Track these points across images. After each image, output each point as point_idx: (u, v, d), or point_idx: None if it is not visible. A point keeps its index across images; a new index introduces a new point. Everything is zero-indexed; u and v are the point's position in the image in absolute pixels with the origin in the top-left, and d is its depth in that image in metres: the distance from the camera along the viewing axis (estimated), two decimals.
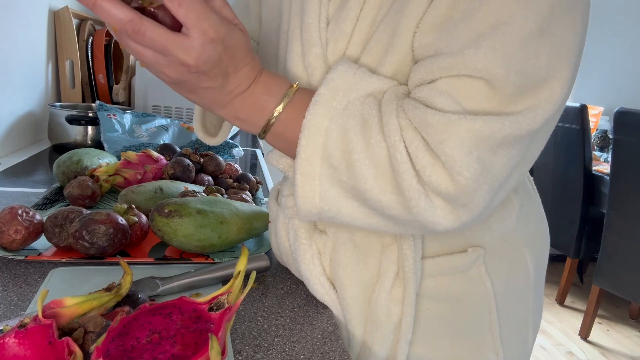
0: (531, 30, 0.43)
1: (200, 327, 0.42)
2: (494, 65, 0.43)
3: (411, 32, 0.48)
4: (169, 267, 0.65)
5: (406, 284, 0.55)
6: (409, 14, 0.47)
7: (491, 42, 0.43)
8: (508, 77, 0.43)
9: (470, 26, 0.44)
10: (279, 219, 0.63)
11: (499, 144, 0.44)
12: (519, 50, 0.43)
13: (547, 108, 0.45)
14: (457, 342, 0.59)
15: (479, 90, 0.44)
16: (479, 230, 0.58)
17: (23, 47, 1.31)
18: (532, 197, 0.66)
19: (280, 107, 0.50)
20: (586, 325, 2.51)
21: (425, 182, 0.45)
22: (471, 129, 0.43)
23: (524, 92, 0.44)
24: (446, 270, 0.57)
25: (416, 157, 0.45)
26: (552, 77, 0.45)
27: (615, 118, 2.19)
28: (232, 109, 0.51)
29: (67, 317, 0.44)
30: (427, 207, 0.46)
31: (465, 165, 0.44)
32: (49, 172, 1.10)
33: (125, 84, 1.72)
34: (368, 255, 0.57)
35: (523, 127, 0.44)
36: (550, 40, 0.44)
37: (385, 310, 0.56)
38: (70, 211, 0.67)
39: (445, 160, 0.44)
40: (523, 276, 0.62)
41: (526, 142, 0.46)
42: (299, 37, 0.54)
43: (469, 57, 0.44)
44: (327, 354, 0.51)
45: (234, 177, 1.03)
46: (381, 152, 0.46)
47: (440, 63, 0.45)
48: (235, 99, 0.50)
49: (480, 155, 0.44)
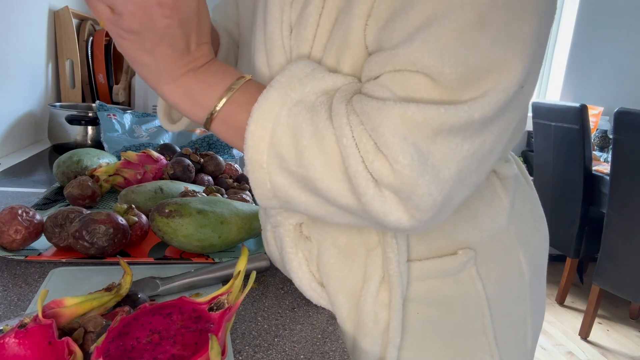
0: (468, 20, 0.42)
1: (200, 327, 0.42)
2: (427, 58, 0.42)
3: (361, 30, 0.47)
4: (169, 267, 0.65)
5: (392, 288, 0.55)
6: (357, 12, 0.47)
7: (425, 35, 0.42)
8: (443, 69, 0.42)
9: (408, 20, 0.43)
10: (267, 227, 0.63)
11: (436, 132, 0.43)
12: (455, 42, 0.42)
13: (493, 97, 0.43)
14: (450, 346, 0.58)
15: (419, 83, 0.43)
16: (467, 230, 0.58)
17: (23, 47, 1.31)
18: (526, 193, 0.65)
19: (235, 86, 0.49)
20: (586, 325, 2.51)
21: (369, 169, 0.44)
22: (404, 115, 0.42)
23: (465, 83, 0.43)
24: (436, 274, 0.57)
25: (360, 142, 0.44)
26: (495, 68, 0.43)
27: (615, 118, 2.19)
28: (184, 84, 0.49)
29: (67, 317, 0.44)
30: (376, 197, 0.44)
31: (400, 152, 0.42)
32: (49, 172, 1.10)
33: (125, 84, 1.72)
34: (353, 260, 0.57)
35: (462, 116, 0.43)
36: (491, 31, 0.42)
37: (372, 316, 0.55)
38: (70, 211, 0.68)
39: (381, 147, 0.43)
40: (517, 277, 0.61)
41: (471, 131, 0.44)
42: (264, 47, 0.54)
43: (402, 51, 0.43)
44: (327, 354, 0.51)
45: (234, 177, 1.03)
46: (329, 136, 0.45)
47: (378, 58, 0.45)
48: (190, 74, 0.49)
49: (416, 142, 0.43)
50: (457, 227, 0.57)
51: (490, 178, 0.61)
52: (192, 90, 0.49)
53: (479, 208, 0.58)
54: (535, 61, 0.46)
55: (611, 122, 2.44)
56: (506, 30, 0.43)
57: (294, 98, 0.47)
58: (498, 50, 0.43)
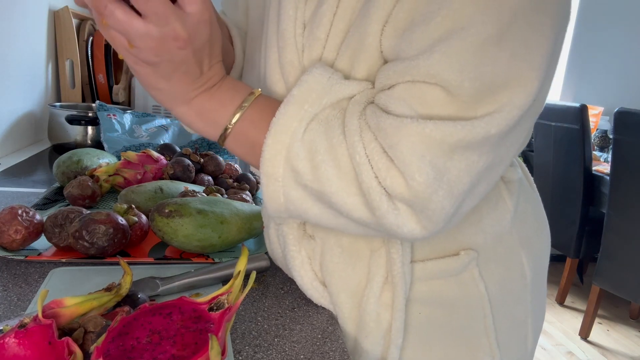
0: (489, 35, 0.42)
1: (200, 327, 0.42)
2: (447, 71, 0.42)
3: (378, 35, 0.47)
4: (169, 267, 0.65)
5: (395, 288, 0.55)
6: (374, 17, 0.47)
7: (445, 48, 0.42)
8: (462, 84, 0.42)
9: (428, 30, 0.43)
10: (270, 225, 0.63)
11: (454, 149, 0.43)
12: (475, 56, 0.42)
13: (509, 113, 0.44)
14: (451, 347, 0.58)
15: (436, 97, 0.43)
16: (471, 232, 0.58)
17: (23, 47, 1.31)
18: (529, 196, 0.65)
19: (246, 103, 0.50)
20: (586, 325, 2.51)
21: (382, 185, 0.45)
22: (422, 132, 0.43)
23: (481, 98, 0.43)
24: (438, 274, 0.57)
25: (373, 159, 0.45)
26: (512, 82, 0.43)
27: (615, 118, 2.19)
28: (198, 104, 0.50)
29: (67, 317, 0.44)
30: (390, 210, 0.45)
31: (417, 170, 0.43)
32: (49, 172, 1.10)
33: (125, 84, 1.72)
34: (356, 260, 0.57)
35: (478, 132, 0.43)
36: (510, 45, 0.42)
37: (374, 316, 0.56)
38: (70, 211, 0.67)
39: (398, 164, 0.44)
40: (519, 278, 0.62)
41: (487, 147, 0.44)
42: (276, 44, 0.54)
43: (422, 63, 0.43)
44: (327, 354, 0.51)
45: (234, 177, 1.03)
46: (343, 152, 0.46)
47: (396, 67, 0.45)
48: (203, 94, 0.50)
49: (433, 159, 0.43)
50: (461, 230, 0.57)
51: (496, 182, 0.61)
52: (205, 110, 0.50)
53: (484, 211, 0.59)
54: (549, 75, 0.46)
55: (611, 122, 2.44)
56: (524, 45, 0.43)
57: (310, 112, 0.48)
58: (515, 65, 0.43)
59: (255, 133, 0.50)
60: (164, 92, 0.49)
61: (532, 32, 0.43)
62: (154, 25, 0.42)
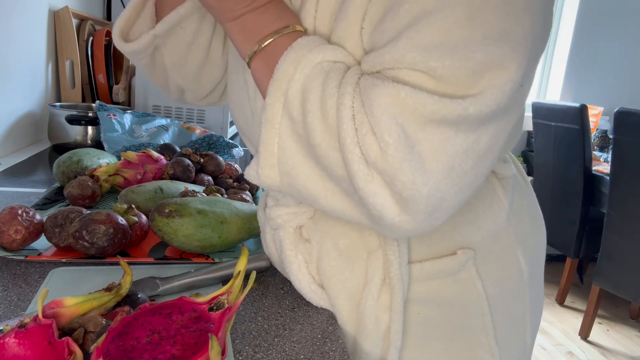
0: (458, 18, 0.41)
1: (200, 327, 0.42)
2: (410, 54, 0.42)
3: (358, 34, 0.48)
4: (169, 267, 0.65)
5: (393, 290, 0.55)
6: (352, 18, 0.48)
7: (412, 33, 0.42)
8: (428, 64, 0.42)
9: (397, 19, 0.43)
10: (266, 229, 0.63)
11: (427, 120, 0.42)
12: (443, 38, 0.42)
13: (490, 95, 0.42)
14: (450, 346, 0.58)
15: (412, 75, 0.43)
16: (467, 231, 0.58)
17: (23, 47, 1.31)
18: (524, 192, 0.65)
19: (281, 32, 0.50)
20: (586, 325, 2.51)
21: (360, 142, 0.44)
22: (396, 95, 0.42)
23: (459, 79, 0.42)
24: (435, 275, 0.57)
25: (358, 113, 0.44)
26: (490, 64, 0.42)
27: (615, 118, 2.19)
28: (241, 22, 0.51)
29: (67, 317, 0.44)
30: (365, 175, 0.44)
31: (386, 130, 0.42)
32: (49, 172, 1.10)
33: (125, 84, 1.72)
34: (354, 263, 0.57)
35: (455, 108, 0.42)
36: (483, 28, 0.42)
37: (373, 318, 0.56)
38: (70, 211, 0.68)
39: (371, 121, 0.43)
40: (517, 276, 0.62)
41: (464, 126, 0.43)
42: None
43: (387, 50, 0.43)
44: (327, 354, 0.51)
45: (234, 177, 1.03)
46: (332, 104, 0.45)
47: (367, 59, 0.46)
48: (249, 14, 0.51)
49: (404, 125, 0.42)
50: (457, 228, 0.57)
51: (490, 179, 0.61)
52: (247, 27, 0.52)
53: (479, 209, 0.59)
54: (532, 60, 0.45)
55: (611, 122, 2.44)
56: (499, 29, 0.42)
57: (312, 60, 0.48)
58: (492, 49, 0.42)
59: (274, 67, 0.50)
60: (215, 8, 0.51)
61: (505, 16, 0.42)
62: None
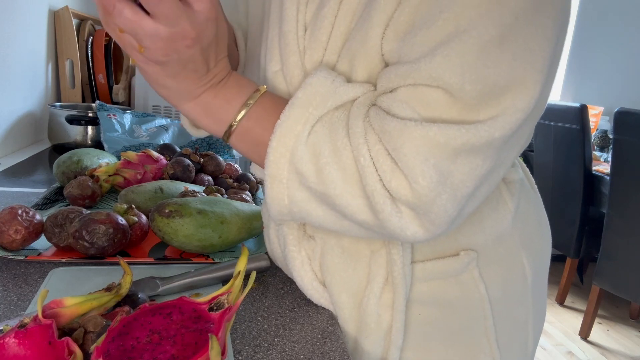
0: (491, 38, 0.42)
1: (200, 327, 0.42)
2: (448, 74, 0.42)
3: (379, 39, 0.48)
4: (169, 267, 0.65)
5: (395, 289, 0.55)
6: (375, 20, 0.47)
7: (447, 51, 0.42)
8: (464, 86, 0.42)
9: (429, 34, 0.43)
10: (270, 225, 0.63)
11: (457, 152, 0.43)
12: (476, 59, 0.42)
13: (513, 116, 0.44)
14: (451, 348, 0.58)
15: (437, 99, 0.43)
16: (472, 232, 0.58)
17: (23, 47, 1.31)
18: (530, 197, 0.65)
19: (251, 101, 0.50)
20: (586, 325, 2.51)
21: (387, 187, 0.45)
22: (426, 136, 0.43)
23: (484, 101, 0.43)
24: (438, 275, 0.57)
25: (378, 161, 0.45)
26: (515, 85, 0.43)
27: (615, 118, 2.19)
28: (204, 101, 0.50)
29: (67, 317, 0.44)
30: (394, 213, 0.45)
31: (420, 173, 0.43)
32: (49, 172, 1.10)
33: (125, 84, 1.72)
34: (357, 261, 0.57)
35: (482, 136, 0.43)
36: (512, 48, 0.42)
37: (375, 317, 0.56)
38: (70, 211, 0.67)
39: (402, 167, 0.44)
40: (520, 280, 0.61)
41: (491, 151, 0.45)
42: (277, 45, 0.54)
43: (423, 66, 0.43)
44: (327, 354, 0.51)
45: (234, 177, 1.03)
46: (347, 154, 0.46)
47: (397, 71, 0.45)
48: (209, 91, 0.50)
49: (437, 163, 0.43)
50: (462, 230, 0.57)
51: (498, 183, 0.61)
52: (211, 106, 0.50)
53: (485, 212, 0.59)
54: (551, 76, 0.46)
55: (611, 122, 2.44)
56: (526, 47, 0.43)
57: (315, 115, 0.48)
58: (517, 68, 0.43)
59: (260, 131, 0.50)
60: (171, 89, 0.49)
61: (533, 34, 0.43)
62: (163, 25, 0.42)
